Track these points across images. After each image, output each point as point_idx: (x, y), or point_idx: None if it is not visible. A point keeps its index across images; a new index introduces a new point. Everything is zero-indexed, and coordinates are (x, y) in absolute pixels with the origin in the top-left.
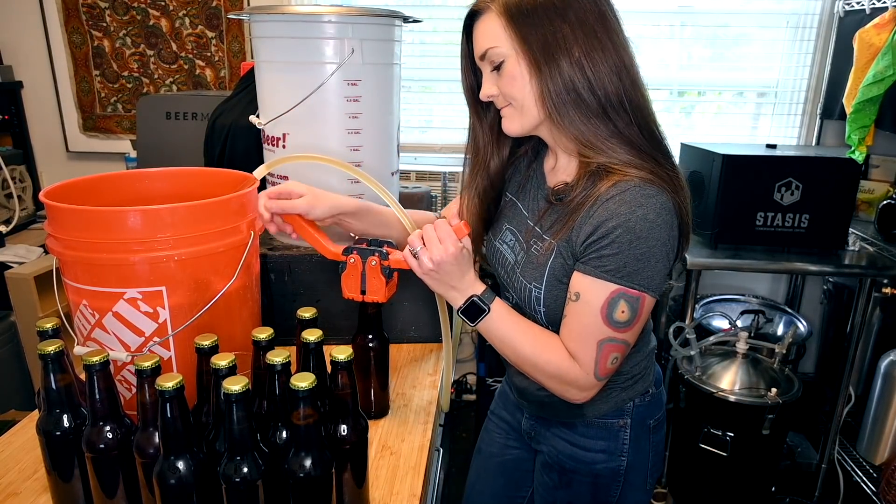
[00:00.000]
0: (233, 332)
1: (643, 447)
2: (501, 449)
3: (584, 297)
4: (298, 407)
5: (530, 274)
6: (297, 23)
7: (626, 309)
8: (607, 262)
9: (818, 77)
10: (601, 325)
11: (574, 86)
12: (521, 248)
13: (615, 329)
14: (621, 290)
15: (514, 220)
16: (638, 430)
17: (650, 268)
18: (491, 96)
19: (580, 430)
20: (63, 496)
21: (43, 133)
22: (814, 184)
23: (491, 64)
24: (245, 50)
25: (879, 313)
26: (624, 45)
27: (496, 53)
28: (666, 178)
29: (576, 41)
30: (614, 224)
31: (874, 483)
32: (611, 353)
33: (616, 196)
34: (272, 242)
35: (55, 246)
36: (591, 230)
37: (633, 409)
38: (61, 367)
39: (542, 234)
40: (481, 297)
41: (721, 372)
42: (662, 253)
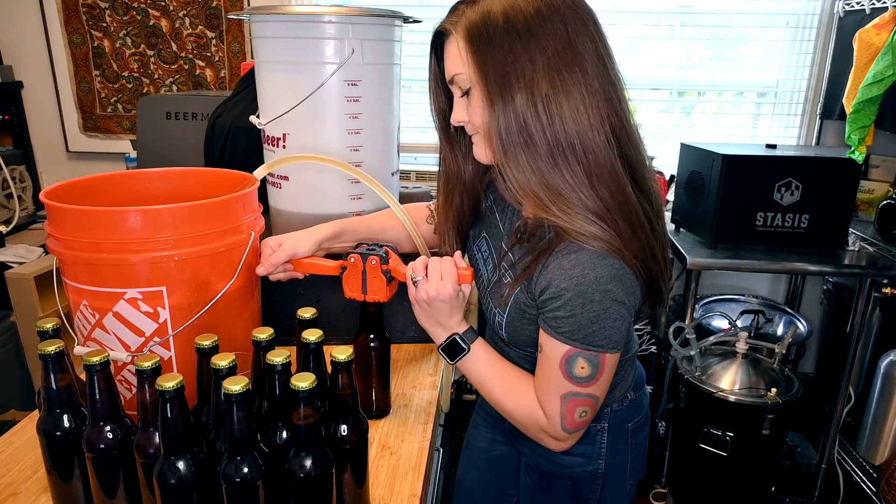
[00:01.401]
0: (233, 332)
1: (621, 449)
2: (489, 444)
3: (544, 351)
4: (298, 407)
5: (496, 300)
6: (297, 23)
7: (585, 365)
8: (561, 324)
9: (818, 77)
10: (562, 380)
11: (526, 126)
12: (494, 267)
13: (577, 384)
14: (577, 350)
15: (490, 231)
16: (615, 434)
17: (607, 328)
18: (461, 122)
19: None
20: (63, 496)
21: (43, 133)
22: (814, 184)
23: (460, 90)
24: (245, 50)
25: (879, 313)
26: (597, 83)
27: (462, 80)
28: (628, 242)
29: (535, 75)
30: (565, 286)
31: (874, 483)
32: (577, 408)
33: (571, 255)
34: None
35: (55, 246)
36: (545, 285)
37: (610, 414)
38: (61, 367)
39: (510, 267)
40: (462, 335)
41: (721, 372)
42: (619, 312)
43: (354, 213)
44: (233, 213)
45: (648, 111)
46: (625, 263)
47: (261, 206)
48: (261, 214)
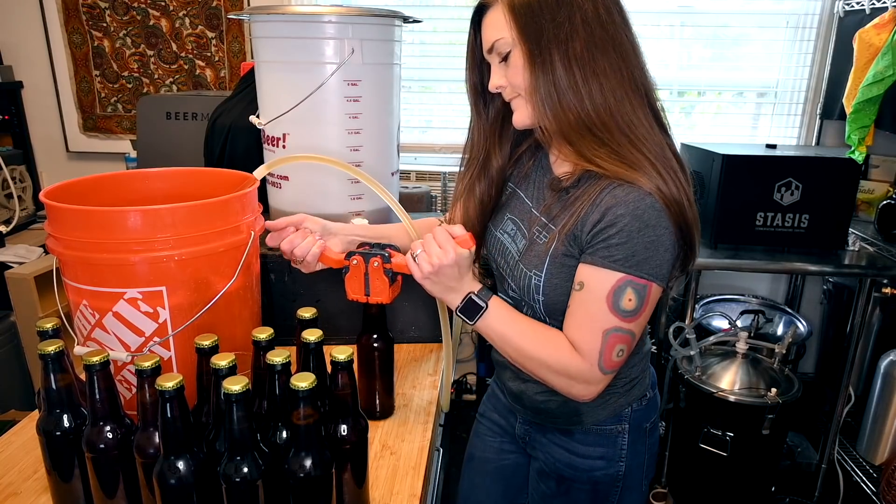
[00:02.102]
0: (233, 332)
1: (640, 450)
2: (497, 454)
3: (588, 285)
4: (298, 407)
5: (531, 262)
6: (297, 23)
7: (633, 297)
8: (615, 252)
9: (818, 77)
10: (607, 314)
11: (561, 85)
12: (523, 237)
13: (621, 318)
14: (628, 279)
15: (516, 210)
16: (635, 435)
17: (658, 256)
18: (499, 87)
19: (578, 437)
20: (63, 496)
21: (43, 133)
22: (814, 184)
23: (499, 55)
24: (245, 50)
25: (879, 313)
26: (626, 50)
27: (503, 44)
28: (666, 184)
29: (572, 40)
30: (622, 212)
31: (874, 483)
32: (616, 345)
33: (624, 187)
34: None
35: (55, 246)
36: (598, 217)
37: (630, 415)
38: (61, 367)
39: (548, 223)
40: (478, 294)
41: (721, 372)
42: (670, 242)
43: (354, 213)
44: (233, 213)
45: None
46: (664, 205)
47: (261, 206)
48: (261, 214)
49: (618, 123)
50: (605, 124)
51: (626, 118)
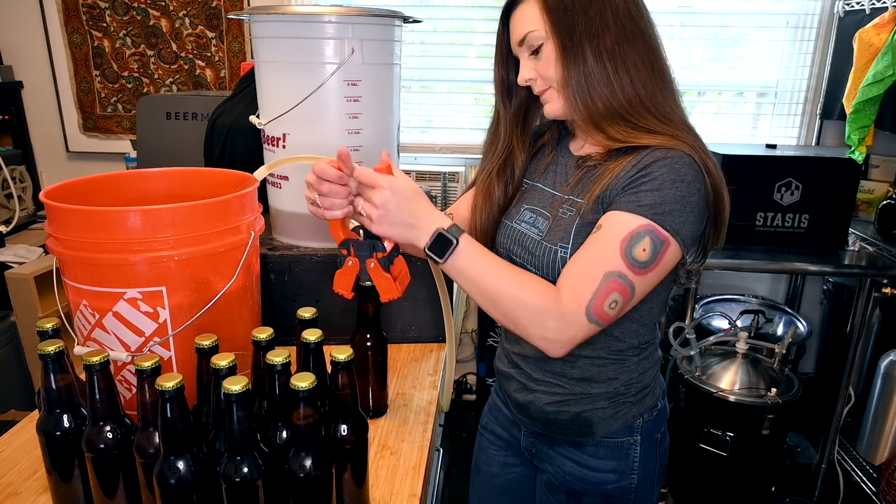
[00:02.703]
0: (233, 332)
1: (651, 461)
2: (502, 468)
3: (606, 227)
4: (298, 407)
5: (557, 236)
6: (297, 23)
7: (647, 247)
8: (644, 197)
9: (818, 77)
10: (616, 257)
11: (593, 78)
12: (546, 219)
13: (629, 265)
14: (649, 226)
15: (535, 200)
16: (646, 446)
17: (686, 215)
18: (529, 80)
19: (588, 449)
20: (63, 496)
21: (43, 133)
22: (814, 184)
23: (529, 48)
24: (245, 50)
25: (879, 313)
26: (654, 44)
27: (534, 37)
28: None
29: (604, 34)
30: (661, 164)
31: (874, 483)
32: (612, 292)
33: (665, 149)
34: (272, 242)
35: (55, 246)
36: (635, 171)
37: (642, 426)
38: (61, 367)
39: (574, 198)
40: (448, 229)
41: (721, 372)
42: (699, 207)
43: None
44: (233, 213)
45: None
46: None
47: (261, 206)
48: (261, 214)
49: (649, 109)
50: (637, 111)
51: (658, 106)
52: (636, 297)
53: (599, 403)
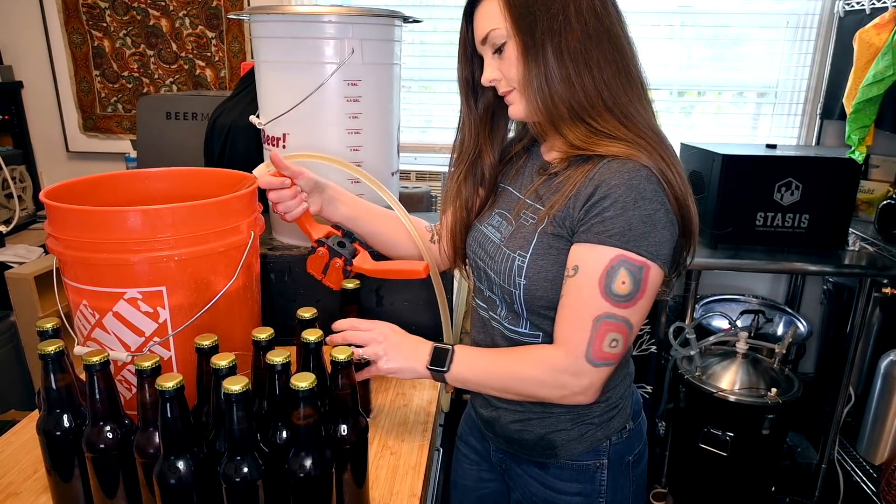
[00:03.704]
0: (233, 332)
1: (623, 485)
2: (476, 482)
3: (582, 268)
4: (298, 407)
5: (516, 243)
6: (297, 23)
7: (626, 280)
8: (610, 226)
9: (818, 77)
10: (598, 299)
11: (553, 78)
12: (509, 224)
13: (613, 303)
14: (622, 256)
15: (504, 203)
16: (616, 470)
17: (657, 233)
18: (493, 80)
19: (553, 471)
20: (63, 496)
21: (43, 133)
22: (814, 184)
23: (492, 47)
24: (245, 50)
25: (879, 313)
26: (620, 43)
27: (496, 35)
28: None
29: (567, 32)
30: (616, 182)
31: (874, 483)
32: (608, 333)
33: (620, 161)
34: (272, 242)
35: (55, 246)
36: (591, 191)
37: (609, 448)
38: (61, 367)
39: (535, 204)
40: (439, 345)
41: (721, 372)
42: (669, 220)
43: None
44: (233, 213)
45: None
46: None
47: (261, 206)
48: (261, 214)
49: (612, 111)
50: (598, 113)
51: (622, 108)
52: (635, 327)
53: (562, 425)
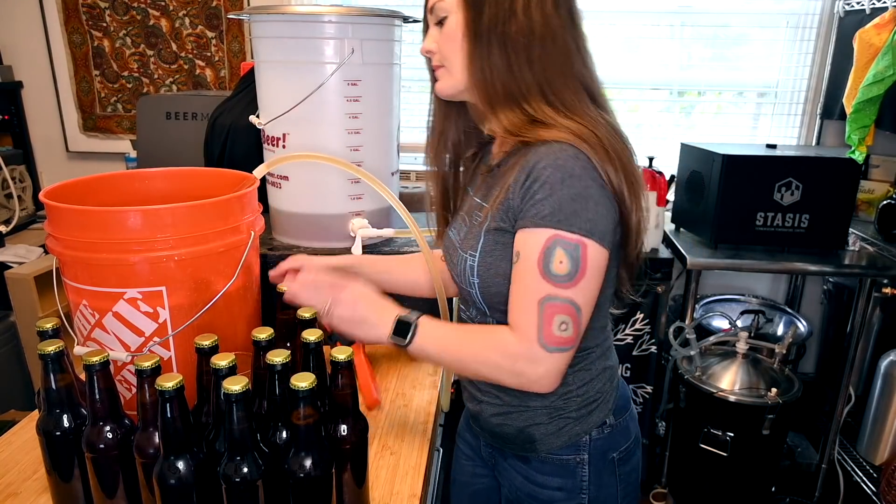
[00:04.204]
0: (233, 332)
1: (608, 482)
2: (470, 478)
3: (522, 253)
4: (298, 407)
5: (468, 244)
6: (297, 23)
7: (563, 259)
8: (541, 208)
9: (818, 77)
10: (539, 282)
11: (494, 65)
12: (464, 224)
13: (554, 284)
14: (556, 236)
15: (465, 206)
16: (599, 466)
17: (589, 210)
18: (429, 52)
19: (535, 465)
20: (63, 496)
21: (43, 133)
22: (814, 184)
23: (436, 17)
24: (245, 50)
25: (879, 313)
26: (567, 48)
27: (442, 7)
28: (601, 150)
29: (509, 23)
30: (544, 164)
31: (874, 483)
32: (556, 315)
33: (549, 144)
34: (272, 242)
35: (55, 246)
36: (524, 177)
37: (589, 444)
38: (61, 367)
39: (482, 202)
40: (403, 315)
41: (721, 372)
42: (602, 195)
43: (354, 213)
44: (233, 213)
45: (648, 111)
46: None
47: (261, 206)
48: (261, 214)
49: (549, 100)
50: (537, 102)
51: (563, 100)
52: (585, 309)
53: (540, 419)
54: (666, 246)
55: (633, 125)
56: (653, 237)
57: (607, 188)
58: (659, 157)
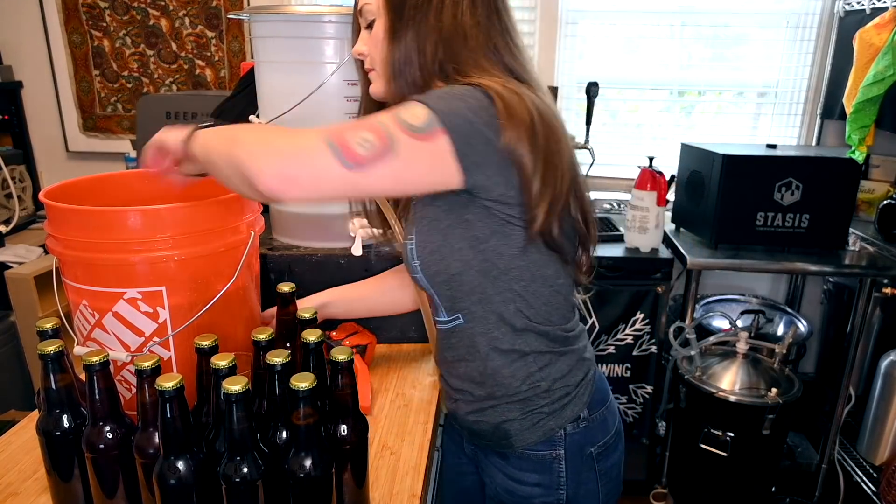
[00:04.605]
0: (233, 332)
1: (588, 477)
2: (457, 475)
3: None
4: (298, 407)
5: (408, 231)
6: (297, 23)
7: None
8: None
9: (818, 77)
10: (384, 114)
11: (412, 63)
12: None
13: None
14: (420, 101)
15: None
16: (576, 461)
17: (454, 100)
18: (361, 54)
19: (513, 461)
20: (63, 496)
21: (43, 133)
22: (814, 184)
23: (365, 20)
24: (245, 50)
25: (879, 313)
26: (489, 30)
27: (368, 10)
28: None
29: (426, 22)
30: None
31: (874, 483)
32: (365, 130)
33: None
34: (272, 242)
35: (55, 246)
36: None
37: (565, 439)
38: (61, 367)
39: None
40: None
41: (721, 372)
42: (478, 105)
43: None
44: (233, 213)
45: (648, 111)
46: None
47: (261, 206)
48: (261, 214)
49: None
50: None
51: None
52: (399, 160)
53: (513, 414)
54: (666, 246)
55: (633, 125)
56: (653, 237)
57: (497, 122)
58: (659, 157)
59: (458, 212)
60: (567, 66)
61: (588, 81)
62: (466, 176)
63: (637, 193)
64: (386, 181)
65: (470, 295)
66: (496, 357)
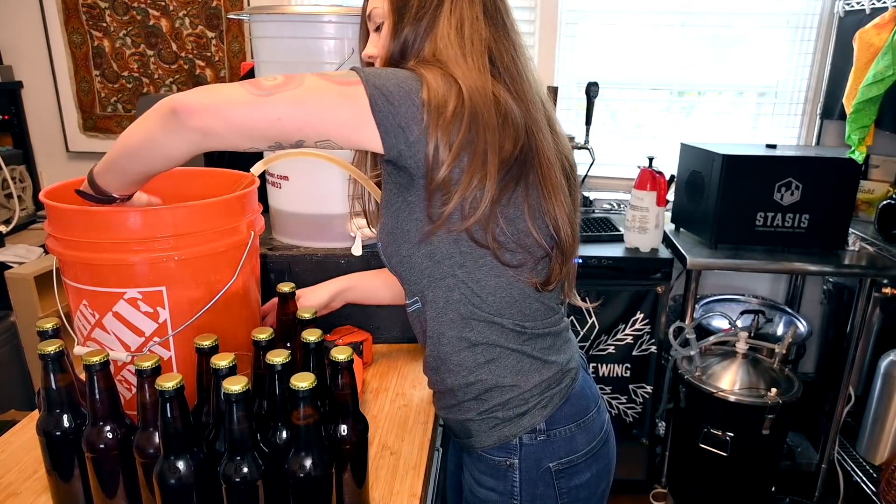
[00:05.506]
0: (233, 332)
1: (545, 493)
2: (455, 468)
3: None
4: (298, 407)
5: (378, 230)
6: (297, 23)
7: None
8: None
9: (818, 77)
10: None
11: (405, 58)
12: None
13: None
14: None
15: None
16: (532, 474)
17: (386, 74)
18: (371, 57)
19: (475, 461)
20: (63, 496)
21: (43, 133)
22: (814, 184)
23: (374, 24)
24: (245, 50)
25: (879, 313)
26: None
27: (377, 14)
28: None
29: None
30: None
31: (874, 483)
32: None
33: None
34: (272, 242)
35: (55, 246)
36: None
37: (520, 448)
38: (61, 367)
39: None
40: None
41: (721, 372)
42: (412, 85)
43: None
44: (233, 213)
45: (648, 111)
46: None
47: (261, 206)
48: (261, 214)
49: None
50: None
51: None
52: (303, 88)
53: (469, 413)
54: (666, 246)
55: (632, 125)
56: (653, 237)
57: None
58: (659, 157)
59: (403, 194)
60: (567, 66)
61: (588, 81)
62: (383, 134)
63: (637, 193)
64: (290, 105)
65: (420, 278)
66: (445, 343)
